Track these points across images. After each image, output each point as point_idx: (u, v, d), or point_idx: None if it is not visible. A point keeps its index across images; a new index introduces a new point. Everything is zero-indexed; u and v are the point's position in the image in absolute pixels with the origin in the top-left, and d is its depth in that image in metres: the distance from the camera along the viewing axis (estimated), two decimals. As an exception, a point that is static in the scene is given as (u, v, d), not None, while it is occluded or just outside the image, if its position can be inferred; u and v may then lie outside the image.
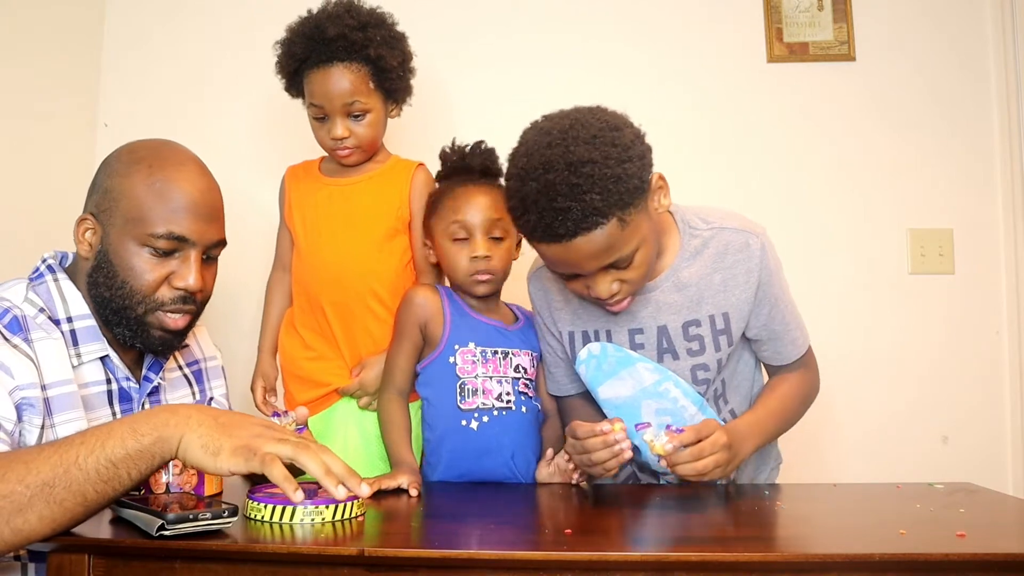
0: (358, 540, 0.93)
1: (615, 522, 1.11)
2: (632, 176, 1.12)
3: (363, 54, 1.43)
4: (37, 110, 1.77)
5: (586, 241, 1.12)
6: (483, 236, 1.38)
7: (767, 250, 1.27)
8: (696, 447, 1.14)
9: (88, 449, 0.87)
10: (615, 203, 1.11)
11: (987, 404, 1.91)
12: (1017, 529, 1.08)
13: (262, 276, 1.64)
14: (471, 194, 1.40)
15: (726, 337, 1.28)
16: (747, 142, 1.95)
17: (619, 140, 1.13)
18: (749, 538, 1.02)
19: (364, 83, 1.45)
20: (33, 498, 0.84)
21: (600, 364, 1.30)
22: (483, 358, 1.38)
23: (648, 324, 1.28)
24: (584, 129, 1.13)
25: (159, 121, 1.56)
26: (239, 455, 0.89)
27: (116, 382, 1.17)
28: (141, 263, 1.14)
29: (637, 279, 1.19)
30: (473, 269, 1.38)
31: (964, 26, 1.95)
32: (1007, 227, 1.93)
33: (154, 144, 1.20)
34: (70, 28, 1.91)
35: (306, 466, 0.89)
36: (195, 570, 0.90)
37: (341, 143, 1.47)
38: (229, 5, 1.98)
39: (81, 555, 0.89)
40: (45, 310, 1.12)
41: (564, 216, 1.10)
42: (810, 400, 1.38)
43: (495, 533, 1.03)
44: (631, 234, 1.14)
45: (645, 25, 1.96)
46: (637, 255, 1.16)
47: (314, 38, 1.43)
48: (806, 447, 1.86)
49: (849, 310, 1.92)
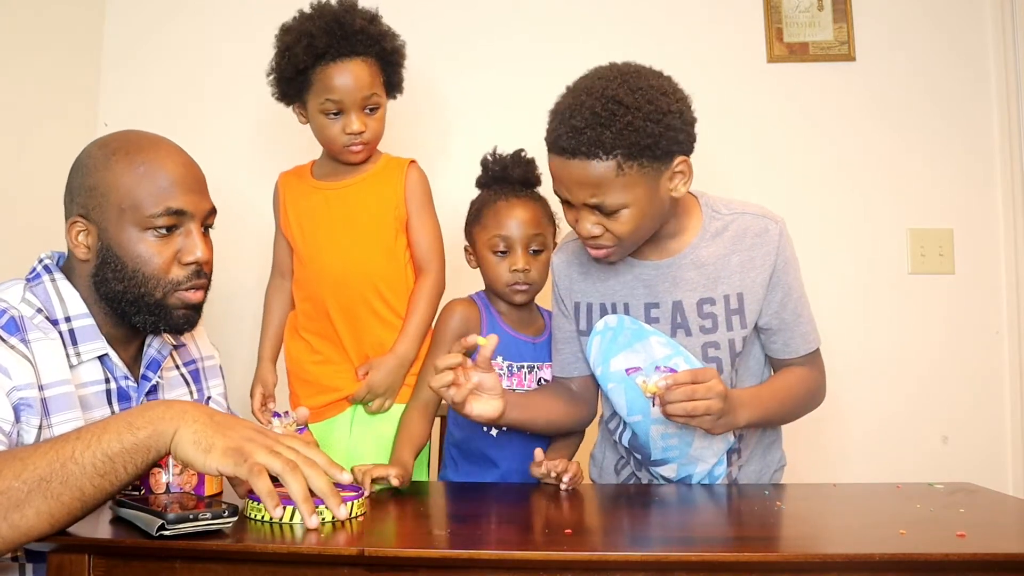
0: (358, 540, 0.93)
1: (615, 522, 1.11)
2: (650, 135, 1.15)
3: (377, 47, 1.45)
4: (37, 110, 1.77)
5: (581, 167, 1.17)
6: (523, 250, 1.45)
7: (784, 238, 1.30)
8: (690, 387, 1.13)
9: (84, 444, 0.88)
10: (620, 148, 1.15)
11: (987, 404, 1.91)
12: (1017, 529, 1.08)
13: (259, 276, 1.64)
14: (513, 208, 1.45)
15: (739, 318, 1.29)
16: (747, 142, 1.95)
17: (659, 102, 1.17)
18: (749, 538, 1.02)
19: (378, 76, 1.47)
20: (30, 493, 0.84)
21: (616, 336, 1.32)
22: (509, 372, 1.45)
23: (664, 299, 1.30)
24: (639, 79, 1.18)
25: (159, 121, 1.55)
26: (229, 456, 0.90)
27: (115, 381, 1.17)
28: (147, 248, 1.14)
29: (622, 235, 1.21)
30: (512, 280, 1.45)
31: (964, 26, 1.96)
32: (1007, 227, 1.93)
33: (121, 134, 1.20)
34: (70, 28, 1.92)
35: (289, 487, 0.90)
36: (195, 570, 0.90)
37: (357, 138, 1.46)
38: (229, 6, 1.98)
39: (81, 555, 0.89)
40: (43, 310, 1.12)
41: (575, 134, 1.16)
42: (815, 398, 1.38)
43: (495, 533, 1.03)
44: (624, 186, 1.17)
45: (645, 26, 1.96)
46: (625, 212, 1.19)
47: (335, 32, 1.42)
48: (807, 447, 1.86)
49: (849, 310, 1.92)
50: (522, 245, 1.45)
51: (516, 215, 1.45)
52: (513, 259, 1.44)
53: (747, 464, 1.36)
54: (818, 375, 1.38)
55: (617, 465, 1.42)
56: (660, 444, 1.31)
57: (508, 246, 1.45)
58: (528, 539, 1.00)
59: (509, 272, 1.45)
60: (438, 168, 1.60)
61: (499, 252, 1.46)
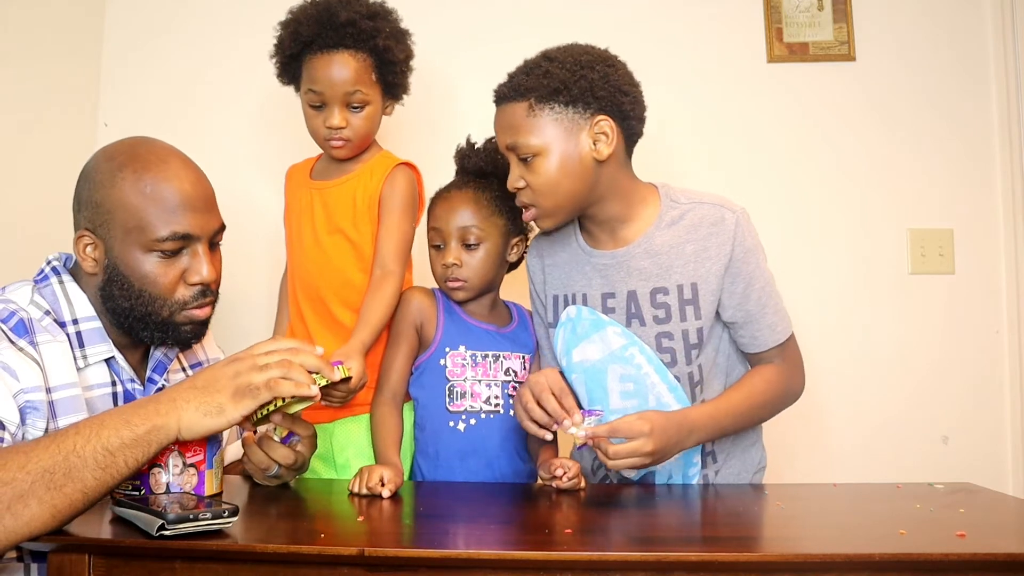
0: (358, 540, 0.93)
1: (615, 522, 1.11)
2: (561, 80, 1.22)
3: (370, 44, 1.40)
4: (37, 110, 1.77)
5: (502, 112, 1.28)
6: (456, 243, 1.38)
7: (742, 227, 1.28)
8: (627, 446, 1.15)
9: (84, 439, 0.90)
10: (534, 90, 1.24)
11: (987, 404, 1.91)
12: (1017, 529, 1.08)
13: (262, 275, 1.64)
14: (449, 200, 1.41)
15: (693, 308, 1.28)
16: (747, 142, 1.95)
17: (581, 58, 1.25)
18: (749, 538, 1.02)
19: (368, 74, 1.42)
20: (34, 484, 0.86)
21: (575, 327, 1.33)
22: (473, 361, 1.39)
23: (619, 289, 1.31)
24: (585, 48, 1.28)
25: (159, 121, 1.56)
26: (240, 400, 0.98)
27: (121, 384, 1.17)
28: (152, 269, 1.13)
29: (537, 187, 1.25)
30: (443, 276, 1.40)
31: (964, 26, 1.95)
32: (1007, 227, 1.93)
33: (130, 145, 1.17)
34: (70, 28, 1.91)
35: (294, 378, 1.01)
36: (195, 570, 0.90)
37: (336, 133, 1.42)
38: (228, 6, 1.98)
39: (81, 555, 0.89)
40: (51, 312, 1.12)
41: (503, 84, 1.28)
42: (785, 398, 1.34)
43: (495, 533, 1.03)
44: (534, 128, 1.23)
45: (645, 25, 1.96)
46: (538, 160, 1.24)
47: (323, 22, 1.39)
48: (806, 447, 1.87)
49: (849, 310, 1.92)
50: (455, 238, 1.38)
51: (451, 206, 1.40)
52: (444, 254, 1.39)
53: (724, 466, 1.35)
54: (790, 371, 1.34)
55: (593, 465, 1.41)
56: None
57: (441, 239, 1.40)
58: (528, 539, 1.00)
59: (441, 267, 1.39)
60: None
61: (435, 245, 1.41)
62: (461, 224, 1.38)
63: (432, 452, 1.39)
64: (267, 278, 1.63)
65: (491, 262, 1.40)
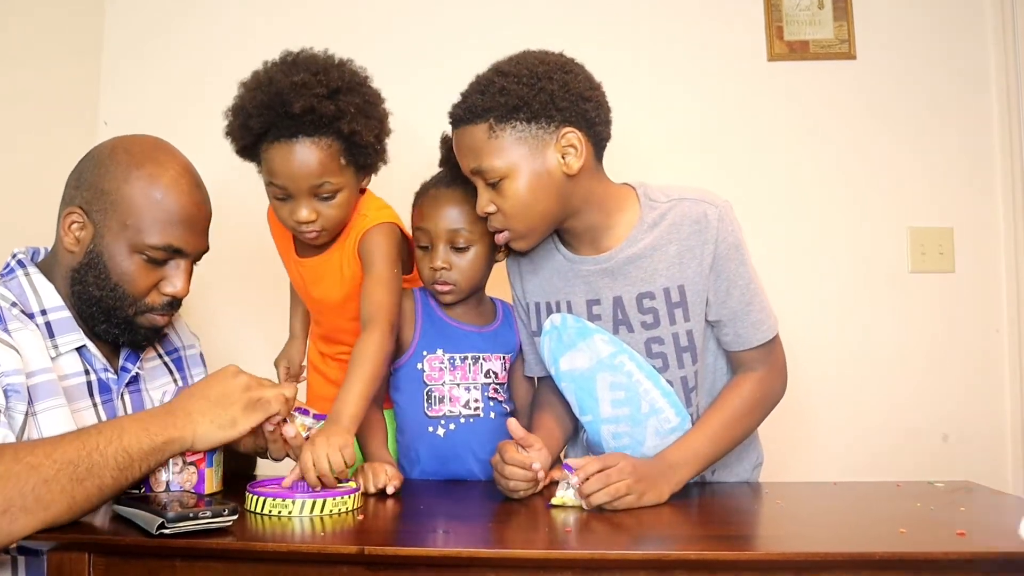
0: (358, 538, 0.93)
1: (615, 522, 1.11)
2: (519, 97, 1.16)
3: (334, 127, 1.22)
4: (37, 110, 1.77)
5: (460, 135, 1.21)
6: (444, 246, 1.33)
7: (725, 221, 1.23)
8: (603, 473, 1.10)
9: (106, 439, 0.95)
10: (492, 110, 1.17)
11: (987, 402, 1.91)
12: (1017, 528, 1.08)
13: (258, 275, 1.63)
14: (438, 199, 1.34)
15: (682, 311, 1.25)
16: (747, 140, 1.94)
17: (536, 69, 1.18)
18: (749, 536, 1.02)
19: (334, 160, 1.24)
20: (59, 472, 0.91)
21: (561, 336, 1.30)
22: (451, 365, 1.36)
23: (604, 295, 1.27)
24: (529, 54, 1.22)
25: (159, 121, 1.55)
26: (251, 412, 1.06)
27: (94, 373, 1.18)
28: (134, 268, 1.16)
29: (508, 211, 1.20)
30: (431, 279, 1.35)
31: (964, 25, 1.95)
32: (1007, 226, 1.92)
33: (152, 146, 1.20)
34: (70, 28, 1.91)
35: None
36: (195, 569, 0.90)
37: (308, 226, 1.28)
38: (228, 6, 1.97)
39: (81, 554, 0.89)
40: (17, 304, 1.12)
41: (457, 105, 1.21)
42: (767, 406, 1.30)
43: (495, 532, 1.03)
44: (497, 150, 1.17)
45: (646, 23, 1.96)
46: (506, 183, 1.19)
47: (275, 110, 1.20)
48: (806, 445, 1.86)
49: (849, 308, 1.92)
50: (443, 241, 1.33)
51: (439, 206, 1.33)
52: (432, 256, 1.34)
53: (721, 464, 1.32)
54: (771, 379, 1.29)
55: None
56: (612, 444, 1.29)
57: (429, 240, 1.34)
58: (528, 538, 1.00)
59: (429, 270, 1.35)
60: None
61: (422, 246, 1.36)
62: (450, 226, 1.32)
63: (413, 456, 1.37)
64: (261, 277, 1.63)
65: (481, 264, 1.36)
